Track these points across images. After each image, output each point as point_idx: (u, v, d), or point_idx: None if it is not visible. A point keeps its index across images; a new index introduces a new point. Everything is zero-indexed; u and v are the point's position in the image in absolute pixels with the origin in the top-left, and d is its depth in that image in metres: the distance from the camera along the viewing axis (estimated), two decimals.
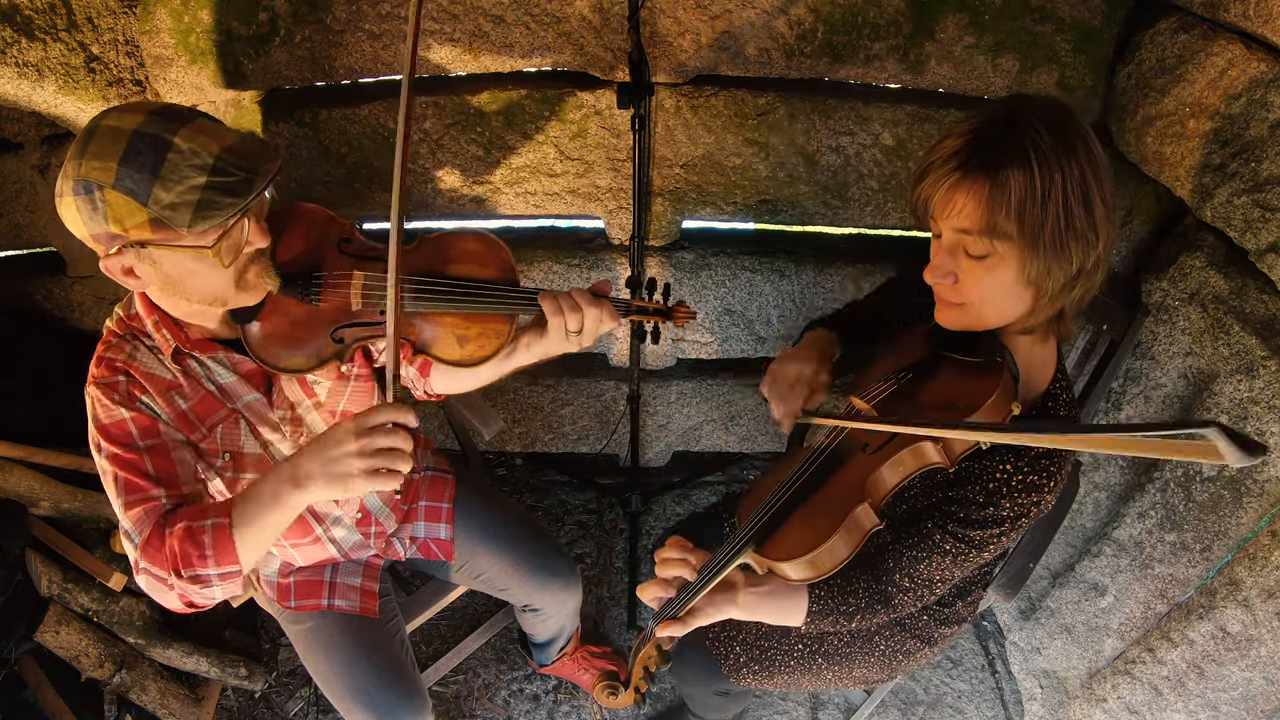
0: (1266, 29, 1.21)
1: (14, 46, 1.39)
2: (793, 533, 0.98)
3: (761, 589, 1.10)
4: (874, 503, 0.94)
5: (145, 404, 1.06)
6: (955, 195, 0.86)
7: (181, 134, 0.89)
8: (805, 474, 1.01)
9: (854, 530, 0.94)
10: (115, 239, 0.90)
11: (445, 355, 1.10)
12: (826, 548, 0.93)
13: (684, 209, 1.78)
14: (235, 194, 0.90)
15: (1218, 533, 1.33)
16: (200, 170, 0.88)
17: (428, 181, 1.71)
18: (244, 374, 1.15)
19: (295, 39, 1.51)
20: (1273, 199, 1.20)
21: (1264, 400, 1.23)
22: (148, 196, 0.87)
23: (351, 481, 0.94)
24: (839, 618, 1.13)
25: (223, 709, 1.89)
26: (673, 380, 2.14)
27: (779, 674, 1.33)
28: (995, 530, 0.98)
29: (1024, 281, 0.88)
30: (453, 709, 1.92)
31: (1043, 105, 0.86)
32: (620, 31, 1.50)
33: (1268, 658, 1.25)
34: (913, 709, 1.95)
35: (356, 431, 0.94)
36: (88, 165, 0.87)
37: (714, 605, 1.08)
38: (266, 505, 0.99)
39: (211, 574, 1.00)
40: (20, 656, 1.64)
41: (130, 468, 1.03)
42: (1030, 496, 0.96)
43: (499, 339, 1.10)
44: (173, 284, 0.97)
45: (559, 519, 2.35)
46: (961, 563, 1.03)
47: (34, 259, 1.99)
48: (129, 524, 1.03)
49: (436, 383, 1.34)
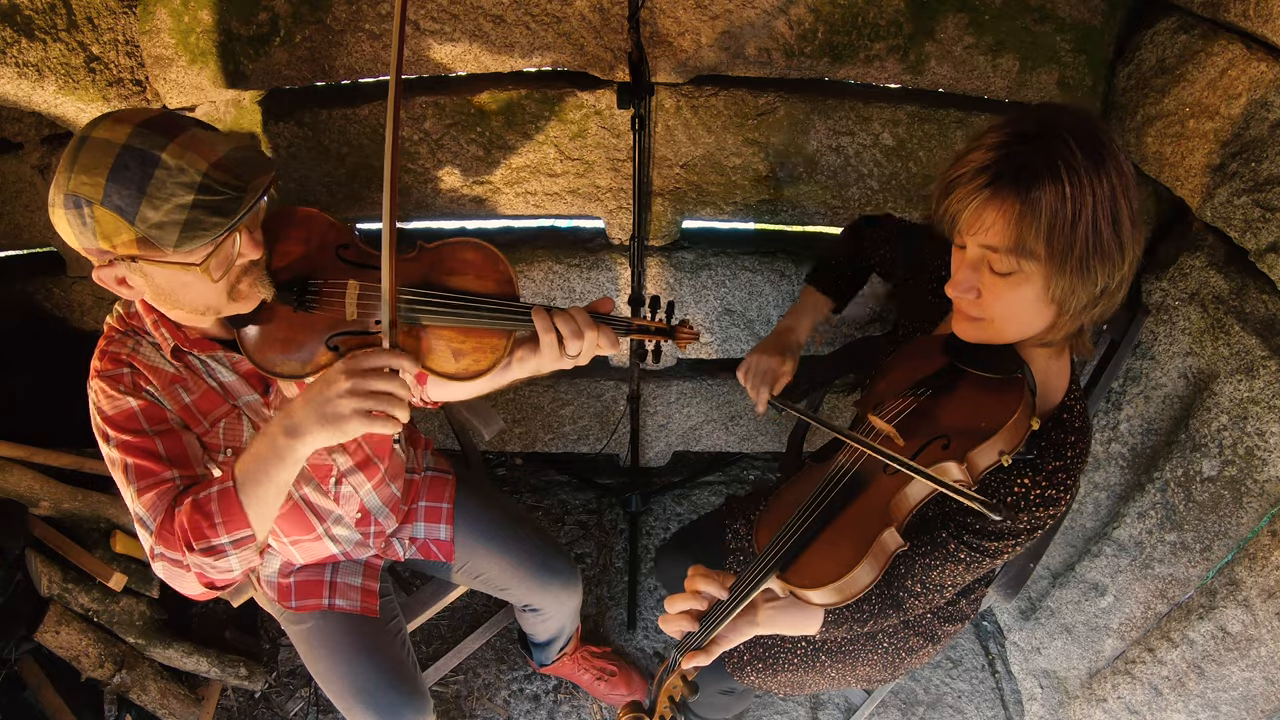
0: (1266, 29, 1.21)
1: (14, 46, 1.39)
2: (817, 559, 0.97)
3: (778, 603, 1.11)
4: (898, 525, 0.94)
5: (150, 393, 1.07)
6: (984, 212, 0.84)
7: (169, 149, 0.88)
8: (827, 498, 1.01)
9: (879, 555, 0.94)
10: (105, 253, 0.91)
11: (440, 369, 1.08)
12: (852, 576, 0.92)
13: (684, 209, 1.78)
14: (222, 213, 0.89)
15: (1218, 533, 1.33)
16: (188, 189, 0.87)
17: (428, 181, 1.71)
18: (243, 374, 1.15)
19: (295, 39, 1.51)
20: (1273, 199, 1.20)
21: (1264, 400, 1.23)
22: (135, 215, 0.86)
23: (345, 423, 0.92)
24: (852, 624, 1.14)
25: (223, 709, 1.89)
26: (673, 380, 2.14)
27: (783, 672, 1.34)
28: (1010, 541, 0.99)
29: (1047, 300, 0.87)
30: (453, 709, 1.92)
31: (1073, 117, 0.84)
32: (620, 31, 1.50)
33: (1268, 658, 1.25)
34: (913, 709, 1.95)
35: (348, 371, 0.92)
36: (77, 180, 0.86)
37: (736, 630, 1.08)
38: (267, 460, 0.97)
39: (224, 542, 0.99)
40: (20, 656, 1.64)
41: (141, 452, 1.03)
42: (1047, 510, 0.96)
43: (494, 354, 1.08)
44: (165, 295, 0.97)
45: (559, 519, 2.35)
46: (974, 570, 1.04)
47: (34, 259, 1.99)
48: (143, 510, 1.02)
49: (433, 391, 1.34)
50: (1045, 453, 0.96)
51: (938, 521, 1.06)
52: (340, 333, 1.07)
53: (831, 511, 1.00)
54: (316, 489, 1.30)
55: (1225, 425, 1.30)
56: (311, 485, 1.29)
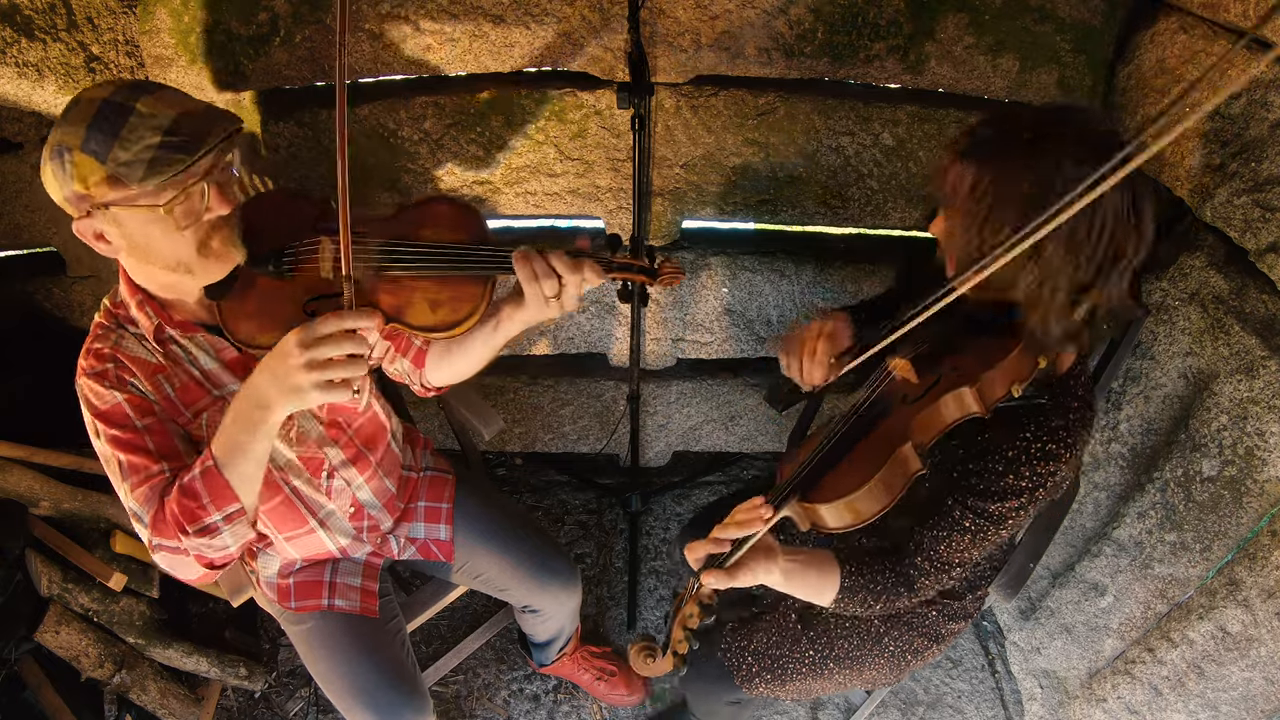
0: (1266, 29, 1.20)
1: (14, 46, 1.39)
2: (836, 478, 1.01)
3: (798, 557, 1.10)
4: (917, 446, 0.98)
5: (135, 386, 1.09)
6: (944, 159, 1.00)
7: (144, 101, 0.94)
8: (846, 427, 1.05)
9: (897, 471, 0.97)
10: (83, 200, 0.95)
11: (418, 321, 1.07)
12: (868, 489, 0.96)
13: (684, 209, 1.78)
14: (185, 151, 0.93)
15: (1218, 533, 1.33)
16: (156, 131, 0.93)
17: (428, 181, 1.71)
18: (227, 361, 1.16)
19: (295, 39, 1.51)
20: (1273, 199, 1.20)
21: (1264, 400, 1.22)
22: (107, 155, 0.92)
23: (305, 395, 0.95)
24: (866, 596, 1.12)
25: (223, 709, 1.89)
26: (673, 380, 2.14)
27: (791, 682, 1.34)
28: (1014, 502, 1.02)
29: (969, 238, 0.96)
30: (453, 709, 1.92)
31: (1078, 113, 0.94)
32: (620, 31, 1.50)
33: (1268, 658, 1.25)
34: (913, 709, 1.95)
35: (301, 343, 0.94)
36: (62, 132, 0.93)
37: (758, 563, 1.05)
38: (241, 433, 1.00)
39: (216, 519, 1.02)
40: (20, 656, 1.64)
41: (131, 447, 1.06)
42: (1048, 466, 1.00)
43: (472, 302, 1.07)
44: (138, 248, 1.00)
45: (559, 519, 2.35)
46: (980, 541, 1.06)
47: (34, 259, 1.98)
48: (137, 504, 1.06)
49: (432, 374, 1.34)
50: (1048, 409, 1.02)
51: (944, 491, 1.08)
52: (317, 296, 1.07)
53: (850, 440, 1.05)
54: (308, 483, 1.30)
55: (1225, 425, 1.30)
56: (303, 479, 1.29)
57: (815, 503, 0.99)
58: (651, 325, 1.98)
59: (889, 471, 0.97)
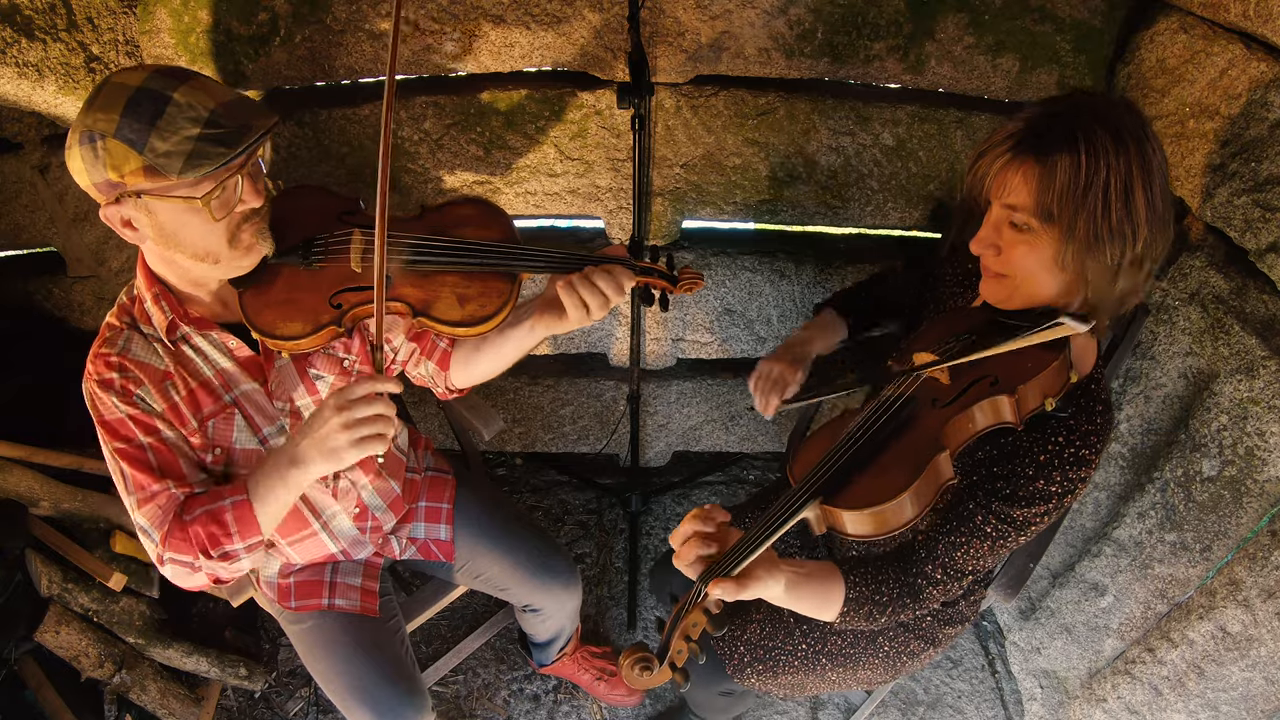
0: (1266, 29, 1.21)
1: (14, 46, 1.39)
2: (865, 484, 0.94)
3: (802, 569, 1.06)
4: (952, 452, 0.94)
5: (140, 398, 1.09)
6: (1007, 173, 0.92)
7: (181, 90, 0.93)
8: (875, 426, 0.99)
9: (931, 481, 0.93)
10: (114, 187, 0.95)
11: (445, 316, 1.09)
12: (901, 500, 0.90)
13: (684, 209, 1.78)
14: (226, 144, 0.94)
15: (1218, 533, 1.33)
16: (195, 123, 0.92)
17: (428, 181, 1.71)
18: (241, 361, 1.16)
19: (295, 39, 1.51)
20: (1273, 199, 1.20)
21: (1264, 400, 1.22)
22: (144, 145, 0.91)
23: (342, 454, 1.00)
24: (871, 609, 1.09)
25: (223, 709, 1.89)
26: (673, 380, 2.14)
27: (783, 674, 1.33)
28: (1040, 508, 0.99)
29: (1059, 263, 0.93)
30: (453, 709, 1.92)
31: (1104, 101, 0.91)
32: (620, 31, 1.50)
33: (1268, 658, 1.25)
34: (913, 709, 1.95)
35: (337, 406, 0.99)
36: (93, 116, 0.92)
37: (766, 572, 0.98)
38: (275, 483, 1.07)
39: (239, 548, 1.09)
40: (20, 656, 1.64)
41: (135, 461, 1.08)
42: (1079, 471, 0.98)
43: (500, 299, 1.09)
44: (167, 237, 1.00)
45: (559, 519, 2.35)
46: (998, 548, 1.03)
47: (34, 259, 1.98)
48: (144, 521, 1.08)
49: (457, 375, 1.34)
50: (1078, 414, 1.00)
51: (964, 494, 1.04)
52: (344, 288, 1.08)
53: (879, 442, 0.98)
54: (315, 484, 1.30)
55: (1225, 425, 1.30)
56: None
57: (839, 507, 0.93)
58: (651, 325, 1.98)
59: (924, 482, 0.91)
